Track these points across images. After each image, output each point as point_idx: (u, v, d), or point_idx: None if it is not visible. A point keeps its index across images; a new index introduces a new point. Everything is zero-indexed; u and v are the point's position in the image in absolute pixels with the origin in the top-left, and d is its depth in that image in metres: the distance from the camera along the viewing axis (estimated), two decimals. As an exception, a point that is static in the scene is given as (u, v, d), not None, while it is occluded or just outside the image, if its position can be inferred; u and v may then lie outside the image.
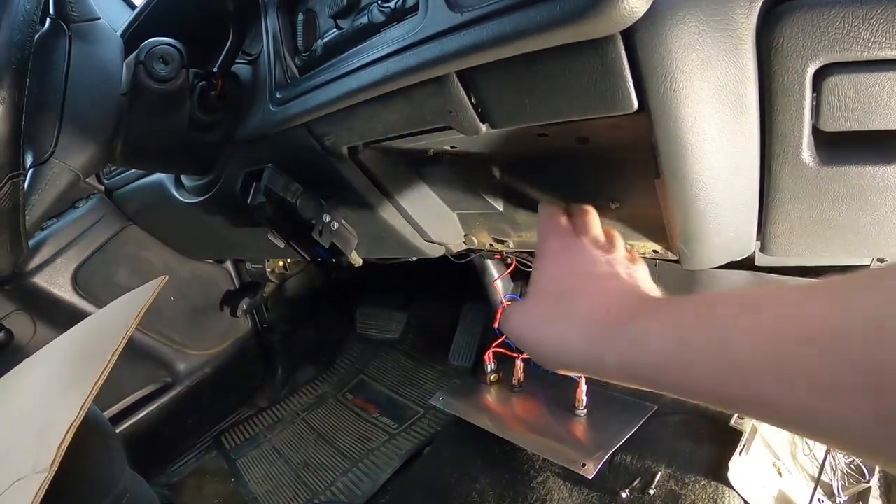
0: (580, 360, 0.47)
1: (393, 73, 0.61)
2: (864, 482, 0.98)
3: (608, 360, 0.43)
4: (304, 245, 0.98)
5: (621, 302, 0.47)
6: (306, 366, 2.15)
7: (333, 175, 0.89)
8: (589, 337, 0.46)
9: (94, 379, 0.68)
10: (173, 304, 1.74)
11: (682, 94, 0.47)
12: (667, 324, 0.39)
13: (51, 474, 0.59)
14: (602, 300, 0.48)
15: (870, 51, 0.44)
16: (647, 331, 0.41)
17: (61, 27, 0.88)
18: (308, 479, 1.62)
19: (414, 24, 0.60)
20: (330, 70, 0.74)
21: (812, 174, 0.53)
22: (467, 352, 1.80)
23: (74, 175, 0.90)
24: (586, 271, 0.53)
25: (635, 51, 0.46)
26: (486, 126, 0.63)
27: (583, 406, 1.21)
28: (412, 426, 1.69)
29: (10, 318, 1.48)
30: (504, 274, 1.47)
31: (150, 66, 0.93)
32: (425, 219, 0.96)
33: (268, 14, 0.86)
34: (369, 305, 2.26)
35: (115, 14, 1.49)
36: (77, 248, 1.53)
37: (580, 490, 1.13)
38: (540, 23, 0.45)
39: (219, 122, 1.00)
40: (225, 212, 1.20)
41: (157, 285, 0.87)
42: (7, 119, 0.73)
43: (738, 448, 0.99)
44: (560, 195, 0.81)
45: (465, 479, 1.30)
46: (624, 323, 0.44)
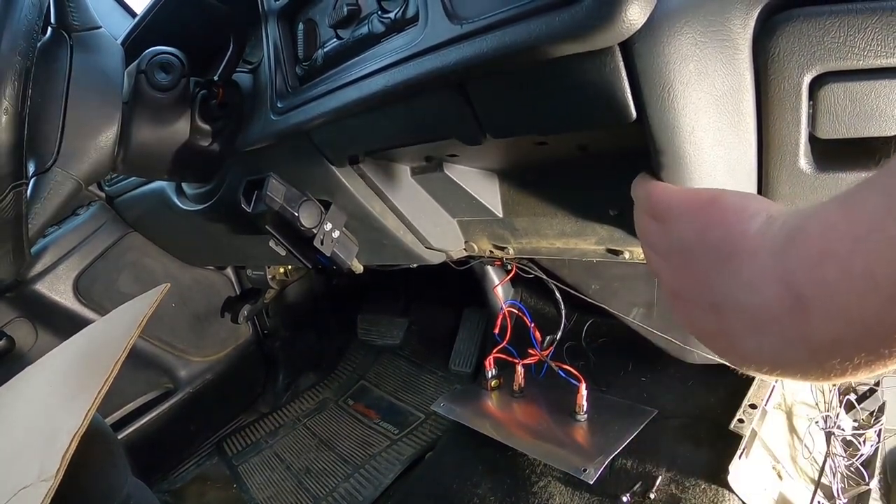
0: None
1: (393, 83, 0.62)
2: (864, 484, 0.98)
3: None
4: (306, 252, 0.98)
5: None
6: (307, 372, 2.15)
7: (334, 183, 0.89)
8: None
9: (97, 388, 0.68)
10: (174, 310, 1.75)
11: (679, 103, 0.47)
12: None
13: (56, 482, 0.60)
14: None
15: (865, 59, 0.44)
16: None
17: (63, 36, 0.88)
18: (310, 485, 1.62)
19: (414, 34, 0.60)
20: (330, 80, 0.74)
21: (809, 181, 0.54)
22: (468, 357, 1.81)
23: (76, 183, 0.91)
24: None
25: (633, 62, 0.46)
26: (487, 136, 0.63)
27: (583, 411, 1.21)
28: (413, 432, 1.69)
29: (12, 325, 1.48)
30: (504, 280, 1.48)
31: (151, 74, 0.93)
32: (426, 226, 0.96)
33: (268, 23, 0.86)
34: (370, 311, 2.26)
35: (116, 23, 1.50)
36: (78, 255, 1.53)
37: (581, 495, 1.13)
38: (539, 35, 0.46)
39: (220, 130, 1.01)
40: (226, 219, 1.20)
41: (158, 293, 0.87)
42: (9, 128, 0.73)
43: (738, 451, 0.99)
44: (559, 202, 0.82)
45: (467, 484, 1.30)
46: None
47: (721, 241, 0.39)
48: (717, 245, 0.39)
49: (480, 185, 0.87)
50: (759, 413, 1.03)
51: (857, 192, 0.29)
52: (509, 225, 0.91)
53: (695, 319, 0.42)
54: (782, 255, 0.33)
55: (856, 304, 0.28)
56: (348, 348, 2.22)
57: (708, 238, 0.40)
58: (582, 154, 0.69)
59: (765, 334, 0.34)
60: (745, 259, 0.36)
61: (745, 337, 0.36)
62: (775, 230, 0.34)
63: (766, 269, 0.34)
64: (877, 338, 0.27)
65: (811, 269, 0.30)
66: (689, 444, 1.10)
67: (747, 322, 0.36)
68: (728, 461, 0.99)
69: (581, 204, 0.80)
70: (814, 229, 0.31)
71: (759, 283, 0.34)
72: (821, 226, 0.30)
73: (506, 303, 1.44)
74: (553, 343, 1.35)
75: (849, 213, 0.29)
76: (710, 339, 0.41)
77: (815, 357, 0.31)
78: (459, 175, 0.85)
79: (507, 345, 1.36)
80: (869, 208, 0.28)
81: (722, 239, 0.39)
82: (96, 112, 0.91)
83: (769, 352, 0.34)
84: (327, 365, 2.17)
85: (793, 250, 0.32)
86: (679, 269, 0.44)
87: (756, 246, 0.35)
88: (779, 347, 0.33)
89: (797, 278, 0.31)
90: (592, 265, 1.12)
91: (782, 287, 0.32)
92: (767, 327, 0.34)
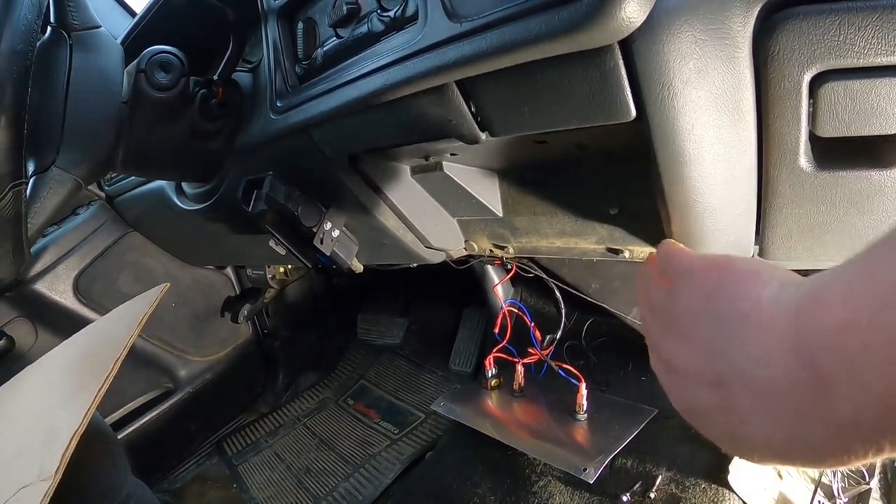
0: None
1: (393, 82, 0.62)
2: (864, 484, 0.98)
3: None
4: (306, 252, 0.98)
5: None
6: (307, 371, 2.15)
7: (334, 183, 0.89)
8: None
9: (97, 387, 0.68)
10: (174, 310, 1.75)
11: (679, 102, 0.47)
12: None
13: (55, 482, 0.60)
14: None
15: (865, 57, 0.44)
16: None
17: (62, 35, 0.88)
18: (310, 485, 1.62)
19: (413, 33, 0.60)
20: (330, 79, 0.74)
21: (809, 179, 0.54)
22: (468, 357, 1.81)
23: (76, 183, 0.91)
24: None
25: (633, 60, 0.46)
26: (486, 134, 0.64)
27: (583, 410, 1.21)
28: (413, 431, 1.69)
29: (12, 324, 1.48)
30: (504, 279, 1.48)
31: (151, 74, 0.93)
32: (426, 225, 0.96)
33: (268, 22, 0.86)
34: (370, 311, 2.26)
35: (116, 22, 1.50)
36: (78, 254, 1.53)
37: (581, 494, 1.13)
38: (539, 33, 0.46)
39: (220, 129, 1.01)
40: (226, 219, 1.20)
41: (158, 293, 0.87)
42: (9, 128, 0.73)
43: (738, 451, 0.99)
44: (559, 201, 0.82)
45: (467, 483, 1.30)
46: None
47: (731, 307, 0.36)
48: (726, 311, 0.36)
49: (480, 185, 0.86)
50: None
51: (877, 252, 0.27)
52: (509, 224, 0.91)
53: (692, 396, 0.38)
54: (799, 324, 0.30)
55: (880, 380, 0.25)
56: (348, 348, 2.22)
57: (716, 302, 0.37)
58: (582, 153, 0.69)
59: (776, 413, 0.31)
60: (757, 327, 0.33)
61: (753, 416, 0.32)
62: (790, 297, 0.32)
63: (781, 339, 0.31)
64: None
65: (831, 340, 0.27)
66: (689, 443, 1.10)
67: (756, 399, 0.32)
68: (728, 461, 0.99)
69: (581, 203, 0.79)
70: (833, 297, 0.28)
71: (773, 355, 0.31)
72: (840, 292, 0.28)
73: (506, 302, 1.45)
74: (553, 342, 1.35)
75: (870, 277, 0.27)
76: (708, 420, 0.37)
77: (835, 438, 0.28)
78: (459, 174, 0.84)
79: (507, 344, 1.36)
80: (891, 270, 0.26)
81: (731, 304, 0.36)
82: (96, 111, 0.91)
83: (780, 434, 0.31)
84: (327, 364, 2.17)
85: (810, 319, 0.29)
86: (680, 336, 0.40)
87: (769, 313, 0.33)
88: (792, 428, 0.30)
89: (815, 350, 0.28)
90: (592, 264, 1.12)
91: (799, 360, 0.29)
92: (781, 405, 0.30)
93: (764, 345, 0.32)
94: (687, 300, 0.41)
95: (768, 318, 0.32)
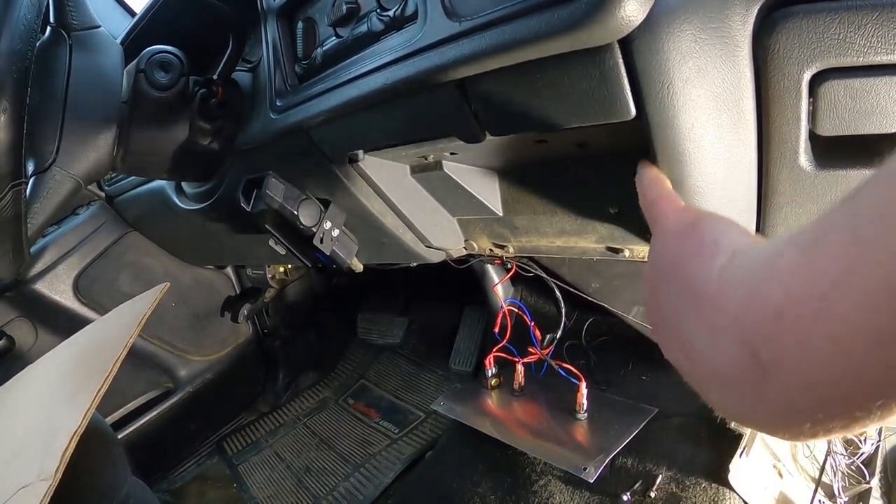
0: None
1: (392, 81, 0.62)
2: (864, 483, 0.98)
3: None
4: (305, 251, 0.98)
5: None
6: (307, 371, 2.15)
7: (334, 182, 0.89)
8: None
9: (96, 387, 0.68)
10: (174, 310, 1.75)
11: (679, 101, 0.47)
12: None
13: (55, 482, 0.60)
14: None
15: (865, 56, 0.44)
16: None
17: (62, 35, 0.88)
18: (310, 484, 1.62)
19: (413, 32, 0.60)
20: (330, 78, 0.74)
21: (809, 178, 0.54)
22: (468, 356, 1.80)
23: (76, 182, 0.91)
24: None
25: (633, 59, 0.46)
26: (486, 133, 0.63)
27: (583, 410, 1.21)
28: (413, 431, 1.69)
29: (12, 324, 1.48)
30: (504, 278, 1.48)
31: (151, 73, 0.93)
32: (426, 225, 0.96)
33: (267, 22, 0.86)
34: (370, 310, 2.25)
35: (116, 22, 1.50)
36: (78, 254, 1.53)
37: (581, 493, 1.13)
38: (538, 32, 0.46)
39: (219, 129, 1.01)
40: (226, 218, 1.20)
41: (158, 293, 0.87)
42: (8, 127, 0.73)
43: (738, 450, 0.99)
44: (559, 200, 0.82)
45: (467, 483, 1.30)
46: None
47: (689, 279, 0.37)
48: (685, 282, 0.37)
49: (480, 184, 0.86)
50: (759, 411, 1.03)
51: (819, 232, 0.26)
52: (509, 223, 0.91)
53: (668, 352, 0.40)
54: (741, 310, 0.30)
55: (819, 370, 0.25)
56: (348, 347, 2.22)
57: (679, 271, 0.38)
58: (582, 152, 0.69)
59: (727, 389, 0.32)
60: (707, 305, 0.34)
61: (711, 388, 0.34)
62: (736, 277, 0.32)
63: (725, 323, 0.31)
64: (848, 403, 0.24)
65: (769, 330, 0.27)
66: (689, 442, 1.10)
67: (710, 373, 0.33)
68: (728, 460, 0.99)
69: (581, 202, 0.79)
70: (773, 284, 0.28)
71: (720, 337, 0.31)
72: (780, 279, 0.27)
73: (506, 301, 1.45)
74: (553, 342, 1.35)
75: (811, 262, 0.26)
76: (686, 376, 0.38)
77: (779, 421, 0.29)
78: (459, 173, 0.84)
79: (508, 343, 1.36)
80: (833, 254, 0.24)
81: (691, 276, 0.37)
82: (95, 111, 0.91)
83: (734, 408, 0.32)
84: (327, 364, 2.17)
85: (751, 307, 0.29)
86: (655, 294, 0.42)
87: (717, 292, 0.33)
88: (742, 406, 0.31)
89: (755, 339, 0.28)
90: (592, 263, 1.12)
91: (741, 346, 0.29)
92: (729, 384, 0.31)
93: (712, 325, 0.33)
94: (659, 262, 0.43)
95: (718, 301, 0.33)
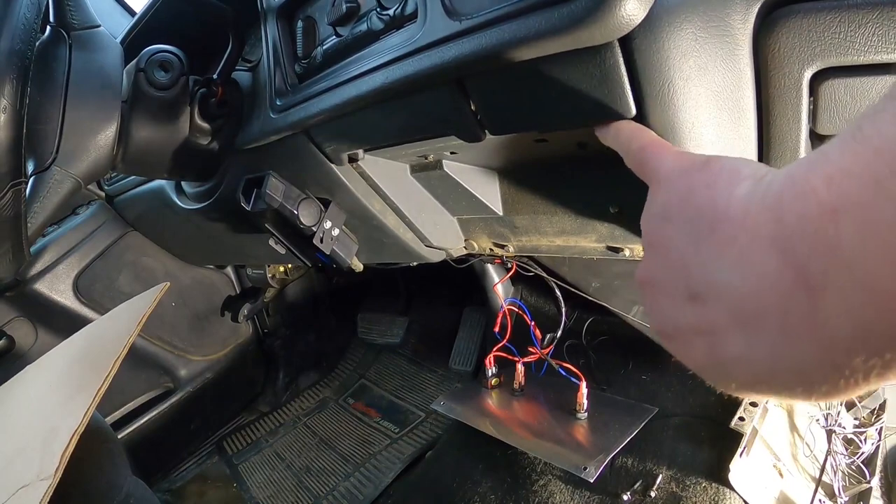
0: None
1: (392, 80, 0.61)
2: (864, 482, 0.98)
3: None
4: (305, 251, 0.98)
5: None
6: (307, 371, 2.15)
7: (334, 181, 0.89)
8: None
9: (96, 386, 0.68)
10: (174, 309, 1.75)
11: (679, 99, 0.47)
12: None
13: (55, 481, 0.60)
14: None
15: (865, 55, 0.44)
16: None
17: (62, 35, 0.88)
18: (310, 484, 1.62)
19: (413, 31, 0.60)
20: (329, 77, 0.74)
21: (809, 178, 0.53)
22: (468, 356, 1.81)
23: (76, 182, 0.91)
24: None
25: (633, 57, 0.46)
26: (486, 133, 0.63)
27: (584, 409, 1.21)
28: (413, 430, 1.69)
29: (12, 324, 1.48)
30: (504, 278, 1.48)
31: (151, 73, 0.93)
32: (426, 224, 0.96)
33: (267, 21, 0.86)
34: (370, 310, 2.26)
35: (115, 21, 1.50)
36: (78, 254, 1.53)
37: (581, 493, 1.13)
38: (538, 30, 0.46)
39: (219, 128, 1.01)
40: (226, 218, 1.20)
41: (158, 292, 0.87)
42: (8, 127, 0.73)
43: (738, 450, 0.99)
44: (559, 199, 0.82)
45: (467, 482, 1.30)
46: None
47: (704, 208, 0.30)
48: (699, 213, 0.31)
49: (480, 183, 0.86)
50: (759, 411, 1.03)
51: (871, 121, 0.22)
52: (509, 223, 0.91)
53: (667, 314, 0.33)
54: (778, 214, 0.25)
55: (887, 273, 0.20)
56: (348, 347, 2.22)
57: (690, 204, 0.32)
58: (582, 151, 0.69)
59: (757, 327, 0.26)
60: (732, 227, 0.28)
61: (731, 335, 0.28)
62: (769, 188, 0.26)
63: (757, 235, 0.26)
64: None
65: (817, 231, 0.22)
66: (689, 442, 1.10)
67: (735, 312, 0.27)
68: (729, 459, 0.99)
69: (581, 201, 0.79)
70: (818, 177, 0.23)
71: (750, 255, 0.26)
72: (828, 171, 0.22)
73: (506, 301, 1.45)
74: (553, 341, 1.35)
75: (865, 147, 0.21)
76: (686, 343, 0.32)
77: (827, 355, 0.23)
78: (459, 173, 0.84)
79: (508, 343, 1.36)
80: (891, 134, 0.20)
81: (705, 205, 0.30)
82: (95, 110, 0.91)
83: (762, 352, 0.26)
84: (327, 364, 2.17)
85: (791, 207, 0.24)
86: (655, 245, 0.35)
87: (744, 209, 0.27)
88: (776, 345, 0.25)
89: (798, 245, 0.23)
90: (593, 263, 1.12)
91: (779, 258, 0.24)
92: (761, 316, 0.25)
93: (739, 246, 0.27)
94: (662, 203, 0.35)
95: (742, 213, 0.27)
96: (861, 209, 0.20)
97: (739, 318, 0.27)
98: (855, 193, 0.21)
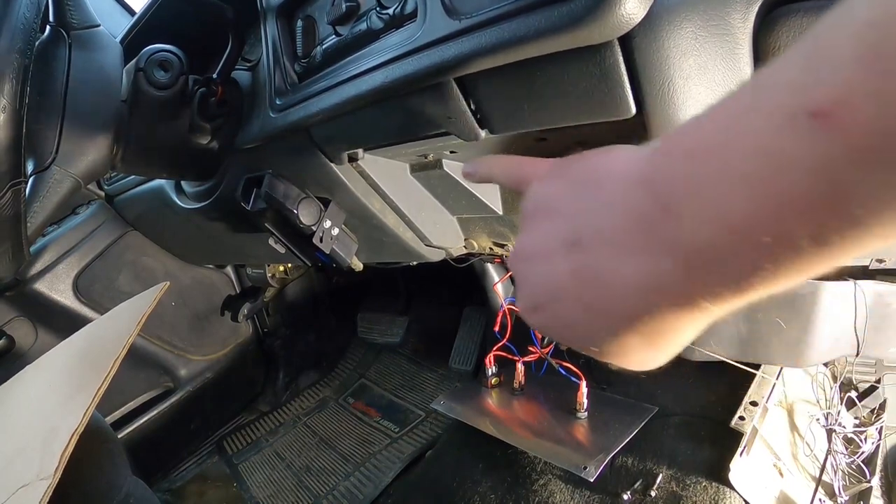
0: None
1: (392, 79, 0.61)
2: (865, 482, 0.98)
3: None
4: (305, 250, 0.98)
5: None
6: (307, 370, 2.15)
7: (333, 181, 0.89)
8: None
9: (96, 386, 0.68)
10: (174, 309, 1.75)
11: (679, 98, 0.47)
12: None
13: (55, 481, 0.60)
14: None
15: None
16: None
17: (61, 34, 0.88)
18: (310, 484, 1.62)
19: (413, 30, 0.60)
20: (329, 76, 0.74)
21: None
22: (468, 355, 1.81)
23: (75, 182, 0.91)
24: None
25: (633, 56, 0.46)
26: (486, 132, 0.63)
27: (584, 409, 1.21)
28: (413, 430, 1.69)
29: (12, 324, 1.48)
30: (504, 277, 1.48)
31: (150, 72, 0.93)
32: (426, 223, 0.96)
33: (267, 21, 0.86)
34: (370, 310, 2.26)
35: (115, 21, 1.49)
36: (78, 254, 1.53)
37: (581, 492, 1.13)
38: (538, 29, 0.46)
39: (219, 128, 1.00)
40: (225, 217, 1.20)
41: (158, 292, 0.87)
42: (8, 127, 0.73)
43: (738, 449, 0.99)
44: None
45: (467, 482, 1.30)
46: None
47: (591, 170, 0.34)
48: (586, 175, 0.34)
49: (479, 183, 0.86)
50: (759, 410, 1.03)
51: (723, 103, 0.27)
52: (509, 222, 0.91)
53: (543, 276, 0.35)
54: (647, 161, 0.30)
55: (726, 201, 0.24)
56: (348, 346, 2.22)
57: (578, 170, 0.35)
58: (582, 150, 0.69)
59: (631, 254, 0.29)
60: (612, 178, 0.32)
61: (609, 266, 0.31)
62: (646, 147, 0.31)
63: (628, 179, 0.30)
64: (752, 244, 0.24)
65: (676, 168, 0.27)
66: (689, 441, 1.10)
67: (610, 246, 0.31)
68: (729, 459, 0.99)
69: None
70: (682, 130, 0.28)
71: (622, 196, 0.30)
72: (690, 125, 0.28)
73: (506, 300, 1.44)
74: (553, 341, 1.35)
75: (721, 106, 0.26)
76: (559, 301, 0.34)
77: (689, 269, 0.27)
78: (459, 172, 0.84)
79: (508, 342, 1.36)
80: (743, 91, 0.25)
81: (592, 167, 0.34)
82: (95, 110, 0.90)
83: (638, 275, 0.29)
84: (327, 363, 2.17)
85: (659, 154, 0.29)
86: (537, 214, 0.37)
87: (623, 163, 0.32)
88: (649, 266, 0.29)
89: (661, 180, 0.28)
90: (592, 262, 1.12)
91: (646, 192, 0.29)
92: (634, 243, 0.29)
93: (614, 187, 0.31)
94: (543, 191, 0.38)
95: (622, 167, 0.32)
96: (710, 151, 0.26)
97: (615, 249, 0.30)
98: (709, 138, 0.26)
